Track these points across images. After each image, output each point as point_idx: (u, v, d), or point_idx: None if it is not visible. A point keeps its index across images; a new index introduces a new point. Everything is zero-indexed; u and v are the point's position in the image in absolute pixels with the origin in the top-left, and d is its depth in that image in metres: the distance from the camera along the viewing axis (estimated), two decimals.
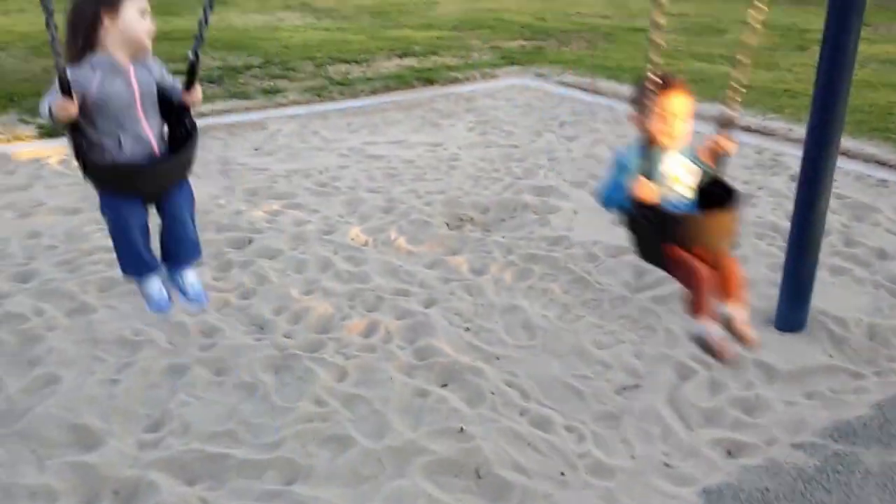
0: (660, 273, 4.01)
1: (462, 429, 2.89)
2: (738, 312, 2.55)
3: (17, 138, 5.91)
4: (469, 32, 10.99)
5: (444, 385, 3.17)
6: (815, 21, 12.23)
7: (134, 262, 2.56)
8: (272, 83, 7.78)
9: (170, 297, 2.60)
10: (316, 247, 4.28)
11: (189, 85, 2.49)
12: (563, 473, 2.73)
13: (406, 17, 12.23)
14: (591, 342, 3.52)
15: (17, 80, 7.49)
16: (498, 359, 3.36)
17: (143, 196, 2.48)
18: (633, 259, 4.21)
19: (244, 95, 7.30)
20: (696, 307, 2.51)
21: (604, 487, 2.67)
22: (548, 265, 4.17)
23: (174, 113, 2.52)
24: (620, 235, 4.51)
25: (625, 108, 7.64)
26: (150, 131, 2.43)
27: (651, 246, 2.66)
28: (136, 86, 2.37)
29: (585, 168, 5.65)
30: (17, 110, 6.57)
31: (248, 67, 8.32)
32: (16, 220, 4.50)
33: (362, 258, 4.18)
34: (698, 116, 2.80)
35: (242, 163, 5.55)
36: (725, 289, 2.58)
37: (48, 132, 6.02)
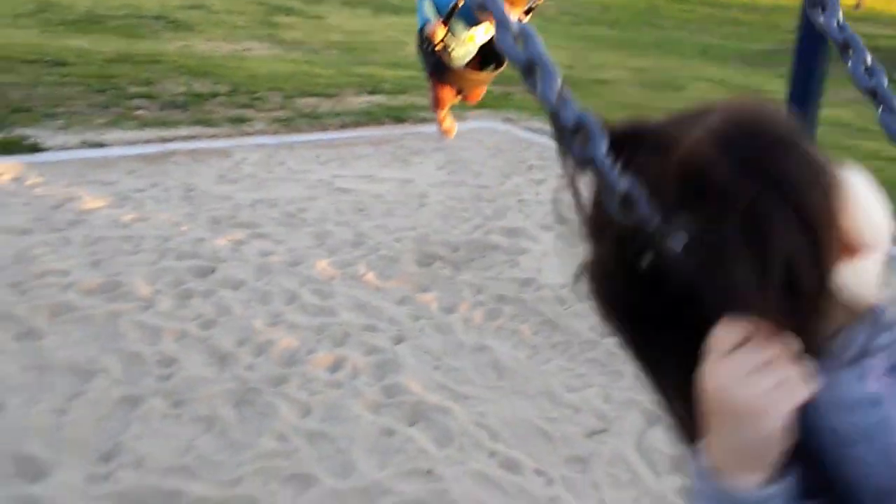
0: None
1: (430, 470, 2.82)
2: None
3: None
4: None
5: (412, 424, 3.10)
6: (769, 83, 12.62)
7: None
8: (239, 112, 7.71)
9: None
10: (281, 278, 4.19)
11: None
12: None
13: (375, 54, 12.30)
14: (560, 385, 3.48)
15: None
16: (467, 398, 3.30)
17: None
18: None
19: (210, 122, 7.22)
20: (435, 105, 4.09)
21: None
22: (517, 306, 4.14)
23: None
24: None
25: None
26: None
27: (428, 60, 3.74)
28: None
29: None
30: None
31: (215, 95, 8.24)
32: None
33: (329, 292, 4.10)
34: None
35: (206, 190, 5.45)
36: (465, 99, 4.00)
37: (0, 150, 5.86)
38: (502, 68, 3.83)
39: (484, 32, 3.71)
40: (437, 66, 3.74)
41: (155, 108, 7.55)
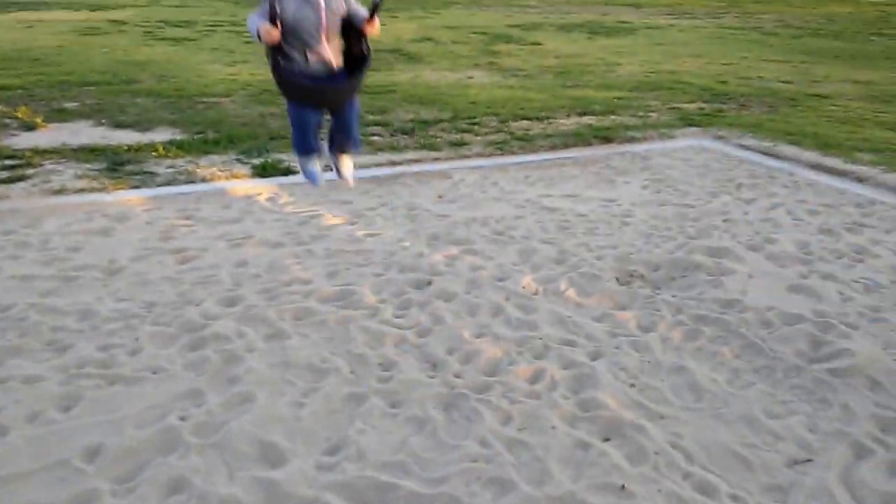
0: (838, 345, 3.73)
1: (623, 486, 2.76)
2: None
3: (234, 176, 6.39)
4: (648, 93, 10.80)
5: (607, 439, 3.05)
6: None
7: (303, 146, 3.37)
8: (459, 136, 7.97)
9: (319, 176, 3.44)
10: (489, 292, 4.29)
11: (371, 16, 3.02)
12: None
13: (587, 77, 12.21)
14: (761, 410, 3.27)
15: (238, 124, 8.13)
16: (662, 418, 3.20)
17: (320, 107, 3.23)
18: (811, 327, 3.92)
19: (433, 147, 7.53)
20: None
21: None
22: (719, 328, 3.95)
23: (354, 36, 3.12)
24: (798, 303, 4.22)
25: (805, 175, 7.20)
26: (331, 52, 3.04)
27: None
28: (323, 14, 2.97)
29: (762, 231, 5.34)
30: (236, 151, 7.11)
31: (438, 121, 8.58)
32: (227, 250, 4.83)
33: (532, 306, 4.14)
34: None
35: (427, 209, 5.69)
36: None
37: (260, 172, 6.46)
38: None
39: None
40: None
41: (387, 134, 8.00)
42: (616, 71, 12.84)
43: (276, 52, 3.20)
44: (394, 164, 6.91)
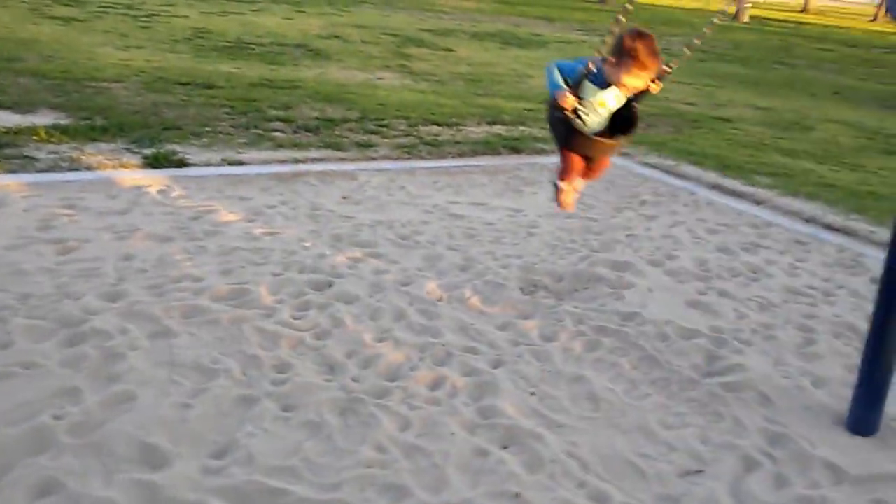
0: (732, 360, 3.94)
1: (518, 494, 2.82)
2: (580, 185, 3.88)
3: (123, 166, 6.18)
4: None
5: (505, 447, 3.11)
6: None
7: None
8: (366, 137, 7.96)
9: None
10: (392, 297, 4.30)
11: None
12: None
13: (498, 86, 12.43)
14: (656, 421, 3.41)
15: (129, 111, 7.86)
16: (560, 427, 3.29)
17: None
18: (706, 342, 4.12)
19: (338, 146, 7.49)
20: (561, 175, 3.79)
21: None
22: (618, 339, 4.10)
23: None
24: (695, 318, 4.43)
25: (706, 194, 7.54)
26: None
27: (558, 134, 3.69)
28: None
29: (663, 247, 5.57)
30: (126, 140, 6.88)
31: (346, 120, 8.55)
32: (112, 242, 4.67)
33: (435, 312, 4.18)
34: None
35: (331, 209, 5.66)
36: (587, 174, 3.82)
37: (151, 163, 6.27)
38: (632, 134, 3.68)
39: (614, 98, 3.58)
40: (569, 135, 3.60)
41: (290, 131, 7.91)
42: (527, 82, 13.12)
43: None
44: (297, 161, 6.84)
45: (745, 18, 37.85)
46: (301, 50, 13.60)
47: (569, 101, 3.45)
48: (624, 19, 3.33)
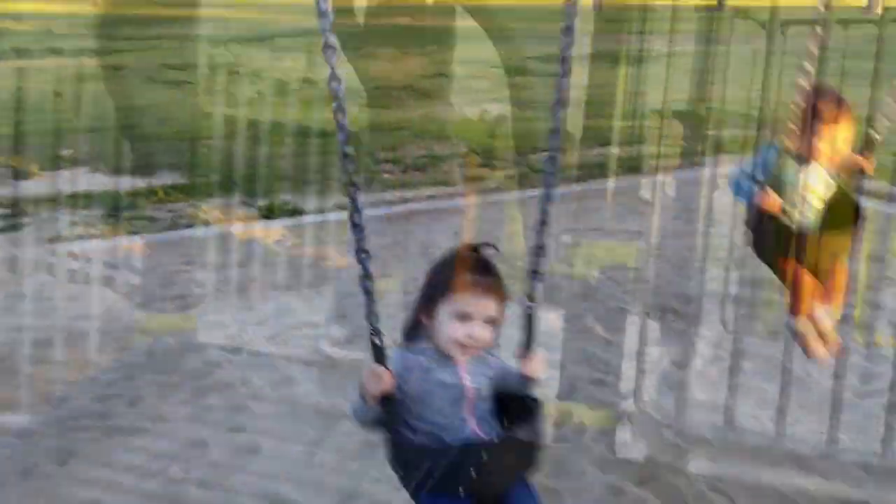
0: None
1: None
2: (824, 316, 2.91)
3: (239, 219, 6.38)
4: None
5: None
6: None
7: None
8: (476, 171, 7.96)
9: None
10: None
11: (526, 347, 1.98)
12: None
13: (608, 108, 12.22)
14: None
15: (241, 165, 8.15)
16: None
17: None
18: None
19: (447, 183, 7.52)
20: (793, 308, 2.92)
21: None
22: None
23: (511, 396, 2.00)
24: None
25: None
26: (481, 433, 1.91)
27: (767, 247, 2.95)
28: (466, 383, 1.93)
29: None
30: (240, 193, 7.10)
31: (453, 156, 8.59)
32: (230, 295, 4.81)
33: None
34: None
35: (443, 246, 5.64)
36: (826, 295, 2.93)
37: (265, 214, 6.45)
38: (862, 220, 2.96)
39: (819, 179, 2.89)
40: (786, 243, 2.84)
41: (398, 171, 8.00)
42: (640, 99, 12.84)
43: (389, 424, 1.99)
44: (405, 201, 6.89)
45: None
46: (407, 90, 13.83)
47: (774, 200, 2.82)
48: None
